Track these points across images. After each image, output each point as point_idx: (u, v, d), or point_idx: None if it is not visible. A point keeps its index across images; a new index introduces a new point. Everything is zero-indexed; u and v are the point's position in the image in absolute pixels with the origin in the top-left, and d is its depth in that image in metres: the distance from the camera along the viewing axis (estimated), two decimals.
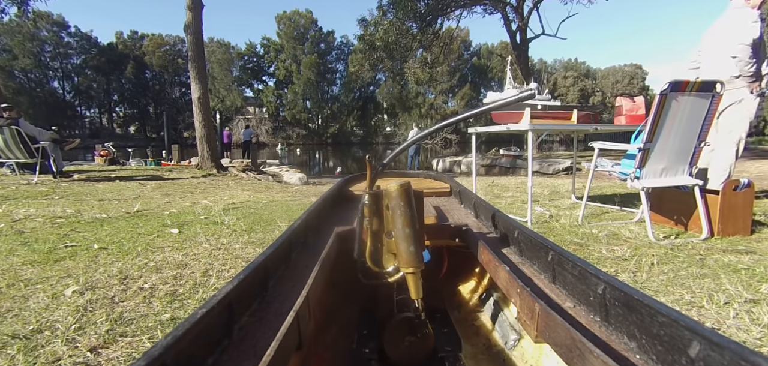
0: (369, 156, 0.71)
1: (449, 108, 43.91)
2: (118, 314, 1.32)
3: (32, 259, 1.89)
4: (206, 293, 1.52)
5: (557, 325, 0.50)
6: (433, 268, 1.12)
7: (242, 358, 0.46)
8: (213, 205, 3.60)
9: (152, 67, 45.40)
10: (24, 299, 1.43)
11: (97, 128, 44.27)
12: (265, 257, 0.64)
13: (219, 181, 6.40)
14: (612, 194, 4.07)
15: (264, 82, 50.30)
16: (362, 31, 21.64)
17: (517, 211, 3.33)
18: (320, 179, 9.35)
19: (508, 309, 0.87)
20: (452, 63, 41.86)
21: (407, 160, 11.44)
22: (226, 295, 0.50)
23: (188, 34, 7.60)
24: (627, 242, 2.21)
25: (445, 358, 0.79)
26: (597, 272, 0.55)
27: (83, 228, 2.58)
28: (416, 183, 1.62)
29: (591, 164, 2.97)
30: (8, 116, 5.02)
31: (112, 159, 10.26)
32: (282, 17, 47.13)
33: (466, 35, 45.52)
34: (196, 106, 7.73)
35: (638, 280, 1.67)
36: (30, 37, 37.68)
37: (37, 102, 36.81)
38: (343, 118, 48.05)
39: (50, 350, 1.09)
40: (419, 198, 0.75)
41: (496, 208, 1.04)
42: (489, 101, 18.58)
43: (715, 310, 1.36)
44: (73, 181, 5.29)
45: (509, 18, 17.02)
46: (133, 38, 46.29)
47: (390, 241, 0.71)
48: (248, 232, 2.52)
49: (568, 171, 9.17)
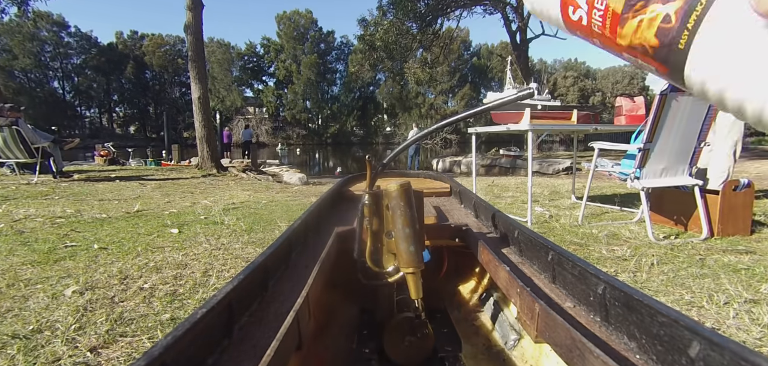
0: (369, 156, 0.71)
1: (449, 108, 43.91)
2: (118, 314, 1.32)
3: (32, 259, 1.89)
4: (206, 293, 1.52)
5: (557, 325, 0.50)
6: (433, 268, 1.12)
7: (242, 358, 0.46)
8: (213, 205, 3.60)
9: (152, 67, 45.40)
10: (24, 299, 1.43)
11: (97, 128, 44.27)
12: (265, 257, 0.64)
13: (219, 181, 6.40)
14: (612, 194, 4.07)
15: (264, 82, 50.35)
16: (362, 31, 21.68)
17: (517, 211, 3.33)
18: (320, 179, 9.35)
19: (508, 309, 0.87)
20: (452, 63, 41.87)
21: (407, 160, 11.44)
22: (226, 295, 0.50)
23: (188, 34, 7.60)
24: (627, 242, 2.21)
25: (445, 358, 0.79)
26: (597, 272, 0.55)
27: (83, 228, 2.58)
28: (416, 183, 1.62)
29: (591, 164, 2.97)
30: (10, 115, 5.01)
31: (112, 159, 10.25)
32: (282, 17, 47.15)
33: (466, 35, 45.54)
34: (196, 106, 7.73)
35: (638, 280, 1.67)
36: (30, 37, 37.68)
37: (37, 102, 36.79)
38: (343, 118, 48.06)
39: (50, 350, 1.09)
40: (419, 198, 0.75)
41: (496, 208, 1.05)
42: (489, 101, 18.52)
43: (715, 310, 1.36)
44: (73, 181, 5.29)
45: (509, 18, 17.03)
46: (133, 38, 46.29)
47: (390, 241, 0.71)
48: (248, 232, 2.52)
49: (568, 171, 9.17)
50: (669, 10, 0.19)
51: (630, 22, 0.20)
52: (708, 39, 0.18)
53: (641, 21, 0.20)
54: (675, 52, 0.19)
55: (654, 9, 0.19)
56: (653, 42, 0.20)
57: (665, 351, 0.41)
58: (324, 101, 48.41)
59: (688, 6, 0.18)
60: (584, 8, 0.23)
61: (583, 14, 0.23)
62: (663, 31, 0.19)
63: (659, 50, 0.20)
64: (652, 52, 0.20)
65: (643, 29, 0.20)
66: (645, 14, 0.20)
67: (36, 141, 5.16)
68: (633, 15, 0.20)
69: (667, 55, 0.20)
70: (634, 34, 0.20)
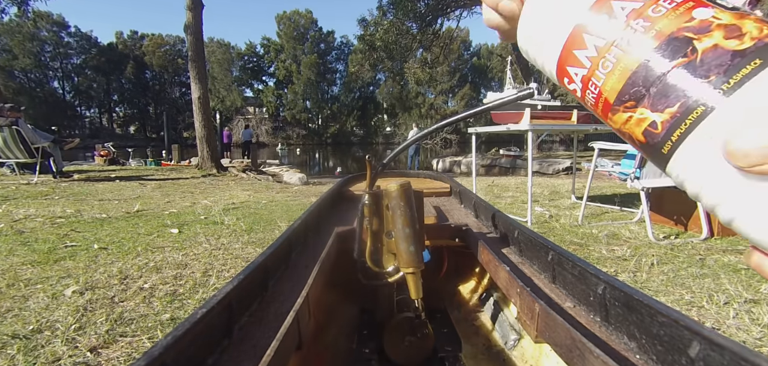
0: (369, 156, 0.71)
1: (449, 108, 43.90)
2: (118, 314, 1.32)
3: (32, 259, 1.89)
4: (206, 293, 1.52)
5: (557, 325, 0.50)
6: (433, 268, 1.12)
7: (242, 358, 0.46)
8: (213, 205, 3.60)
9: (152, 67, 45.39)
10: (24, 299, 1.43)
11: (97, 128, 44.26)
12: (265, 257, 0.64)
13: (219, 181, 6.40)
14: (612, 194, 4.07)
15: (264, 82, 50.32)
16: (362, 31, 21.68)
17: (517, 211, 3.33)
18: (320, 179, 9.35)
19: (508, 309, 0.87)
20: (452, 63, 41.86)
21: (407, 160, 11.44)
22: (226, 295, 0.50)
23: (188, 34, 7.60)
24: (627, 242, 2.21)
25: (445, 358, 0.79)
26: (597, 272, 0.55)
27: (83, 228, 2.58)
28: (416, 183, 1.62)
29: (591, 164, 2.97)
30: (9, 115, 5.01)
31: (112, 159, 10.25)
32: (282, 17, 47.14)
33: (466, 35, 45.52)
34: (196, 106, 7.73)
35: (638, 280, 1.67)
36: (30, 37, 37.68)
37: (37, 102, 36.79)
38: (343, 118, 48.04)
39: (50, 350, 1.09)
40: (419, 198, 0.75)
41: (496, 208, 1.05)
42: (489, 101, 18.49)
43: (715, 310, 1.36)
44: (73, 181, 5.29)
45: None
46: (133, 38, 46.29)
47: (390, 241, 0.71)
48: (248, 232, 2.52)
49: (568, 171, 9.17)
50: (656, 119, 0.20)
51: (620, 113, 0.22)
52: (689, 154, 0.19)
53: (631, 116, 0.21)
54: (659, 154, 0.20)
55: (643, 112, 0.20)
56: (640, 138, 0.21)
57: (665, 351, 0.41)
58: (324, 101, 48.41)
59: (674, 122, 0.19)
60: (578, 85, 0.24)
61: (577, 89, 0.24)
62: (649, 134, 0.20)
63: (645, 147, 0.21)
64: (638, 145, 0.22)
65: (632, 124, 0.21)
66: (634, 113, 0.21)
67: (36, 141, 5.16)
68: (623, 109, 0.21)
69: (651, 153, 0.21)
70: (623, 124, 0.22)
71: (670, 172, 0.21)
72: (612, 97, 0.22)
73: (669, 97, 0.19)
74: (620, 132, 0.23)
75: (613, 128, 0.23)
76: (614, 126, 0.23)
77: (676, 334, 0.39)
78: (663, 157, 0.20)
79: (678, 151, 0.20)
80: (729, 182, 0.18)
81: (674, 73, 0.19)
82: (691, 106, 0.19)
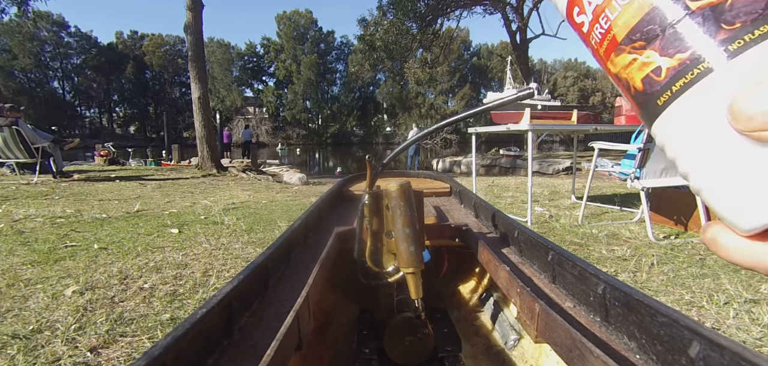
0: (369, 156, 0.71)
1: (449, 108, 43.91)
2: (118, 314, 1.32)
3: (32, 259, 1.89)
4: (206, 293, 1.52)
5: (557, 325, 0.50)
6: (433, 268, 1.12)
7: (242, 358, 0.46)
8: (213, 205, 3.60)
9: (152, 67, 45.40)
10: (24, 299, 1.43)
11: (97, 128, 44.29)
12: (265, 257, 0.64)
13: (219, 181, 6.40)
14: (612, 194, 4.07)
15: (264, 82, 50.33)
16: (362, 31, 21.69)
17: (517, 211, 3.33)
18: (320, 179, 9.35)
19: (508, 309, 0.87)
20: (452, 63, 41.87)
21: (407, 160, 11.44)
22: (226, 295, 0.50)
23: (188, 34, 7.60)
24: (627, 242, 2.21)
25: (445, 358, 0.79)
26: (597, 272, 0.55)
27: (83, 228, 2.58)
28: (416, 183, 1.62)
29: (591, 164, 2.97)
30: (9, 115, 5.01)
31: (111, 159, 10.24)
32: (282, 17, 47.15)
33: (466, 35, 45.53)
34: (196, 106, 7.73)
35: (638, 280, 1.67)
36: (30, 37, 37.69)
37: (37, 102, 36.81)
38: (343, 118, 48.05)
39: (50, 350, 1.09)
40: (419, 198, 0.75)
41: (496, 208, 1.05)
42: (489, 101, 18.51)
43: (715, 310, 1.36)
44: (73, 181, 5.29)
45: (509, 18, 17.04)
46: (133, 38, 46.30)
47: (390, 241, 0.71)
48: (248, 232, 2.52)
49: (568, 171, 9.17)
50: (662, 63, 0.19)
51: (625, 55, 0.20)
52: (685, 109, 0.18)
53: (635, 59, 0.20)
54: (652, 104, 0.20)
55: (650, 55, 0.19)
56: (638, 85, 0.20)
57: (665, 351, 0.41)
58: (324, 101, 48.42)
59: (680, 70, 0.18)
60: (589, 17, 0.22)
61: (586, 21, 0.23)
62: (649, 80, 0.19)
63: (639, 95, 0.20)
64: (633, 93, 0.20)
65: (633, 69, 0.20)
66: (640, 56, 0.20)
67: (36, 141, 5.16)
68: (630, 50, 0.20)
69: (645, 103, 0.20)
70: (624, 68, 0.21)
71: (656, 129, 0.20)
72: (621, 34, 0.20)
73: (684, 41, 0.18)
74: (617, 77, 0.21)
75: (611, 73, 0.22)
76: (612, 70, 0.21)
77: (676, 334, 0.39)
78: (656, 109, 0.19)
79: (674, 104, 0.18)
80: (714, 146, 0.17)
81: (698, 15, 0.17)
82: (703, 56, 0.17)
